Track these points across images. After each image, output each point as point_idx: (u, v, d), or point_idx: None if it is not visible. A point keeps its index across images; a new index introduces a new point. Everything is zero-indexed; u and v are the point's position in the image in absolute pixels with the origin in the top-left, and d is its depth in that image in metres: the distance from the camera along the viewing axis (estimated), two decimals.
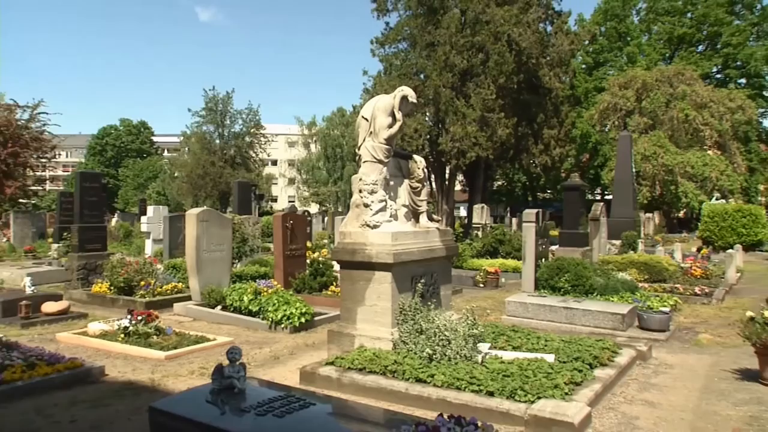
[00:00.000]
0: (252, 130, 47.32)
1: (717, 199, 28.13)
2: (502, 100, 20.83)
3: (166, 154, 68.62)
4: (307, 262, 10.77)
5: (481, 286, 12.26)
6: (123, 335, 6.79)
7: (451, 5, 22.30)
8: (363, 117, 6.27)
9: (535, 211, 10.63)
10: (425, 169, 6.68)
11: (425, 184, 6.68)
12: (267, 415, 3.30)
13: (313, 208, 47.07)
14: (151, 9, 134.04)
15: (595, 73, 40.95)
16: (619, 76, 35.07)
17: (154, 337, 6.80)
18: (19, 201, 26.53)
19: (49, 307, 8.25)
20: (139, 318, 6.91)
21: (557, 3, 24.43)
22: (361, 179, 6.08)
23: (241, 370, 3.73)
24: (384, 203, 6.01)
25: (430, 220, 6.64)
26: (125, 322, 6.89)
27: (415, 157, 6.73)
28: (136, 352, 6.42)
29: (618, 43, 40.91)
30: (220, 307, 8.61)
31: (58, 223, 19.27)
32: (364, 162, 6.14)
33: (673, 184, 29.44)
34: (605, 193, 39.23)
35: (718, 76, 39.84)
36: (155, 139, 71.76)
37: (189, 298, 9.22)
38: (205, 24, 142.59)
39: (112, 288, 9.89)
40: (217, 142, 46.26)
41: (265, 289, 8.38)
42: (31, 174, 26.54)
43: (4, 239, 20.06)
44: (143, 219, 16.52)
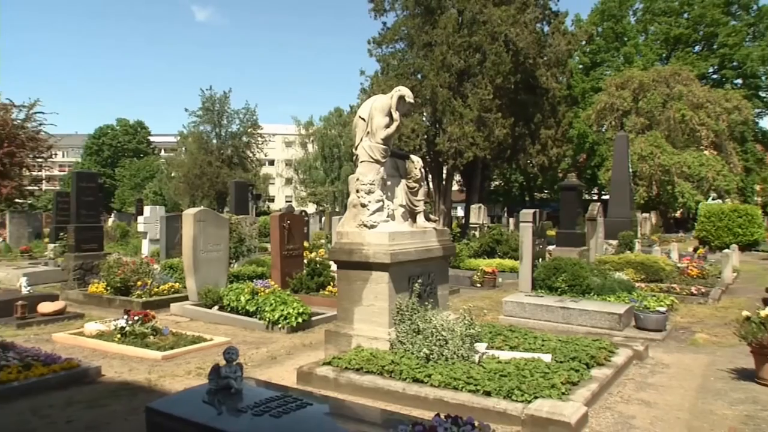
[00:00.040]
0: (249, 130, 47.20)
1: (713, 199, 28.27)
2: (499, 100, 20.82)
3: (162, 153, 68.57)
4: (305, 262, 10.76)
5: (479, 286, 12.27)
6: (120, 335, 6.77)
7: (448, 5, 22.28)
8: (360, 117, 6.28)
9: (532, 211, 10.64)
10: (422, 169, 6.67)
11: (422, 184, 6.67)
12: (264, 415, 3.29)
13: (311, 208, 47.12)
14: (148, 8, 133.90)
15: (592, 74, 41.09)
16: (616, 77, 35.18)
17: (151, 337, 6.79)
18: (15, 201, 26.40)
19: (45, 307, 8.22)
20: (136, 318, 6.90)
21: (554, 3, 24.31)
22: (358, 179, 6.08)
23: (238, 370, 3.73)
24: (381, 203, 6.00)
25: (428, 220, 6.63)
26: (122, 323, 6.87)
27: (412, 157, 6.72)
28: (133, 352, 6.40)
29: (615, 43, 41.05)
30: (217, 307, 8.60)
31: (54, 223, 19.27)
32: (361, 162, 6.13)
33: (670, 184, 29.56)
34: (602, 193, 39.34)
35: (715, 77, 40.04)
36: (152, 138, 71.57)
37: (186, 298, 9.21)
38: (202, 23, 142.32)
39: (108, 288, 9.86)
40: (214, 141, 46.15)
41: (262, 289, 8.37)
42: (28, 174, 26.52)
43: (0, 239, 19.99)
44: (140, 219, 16.49)
